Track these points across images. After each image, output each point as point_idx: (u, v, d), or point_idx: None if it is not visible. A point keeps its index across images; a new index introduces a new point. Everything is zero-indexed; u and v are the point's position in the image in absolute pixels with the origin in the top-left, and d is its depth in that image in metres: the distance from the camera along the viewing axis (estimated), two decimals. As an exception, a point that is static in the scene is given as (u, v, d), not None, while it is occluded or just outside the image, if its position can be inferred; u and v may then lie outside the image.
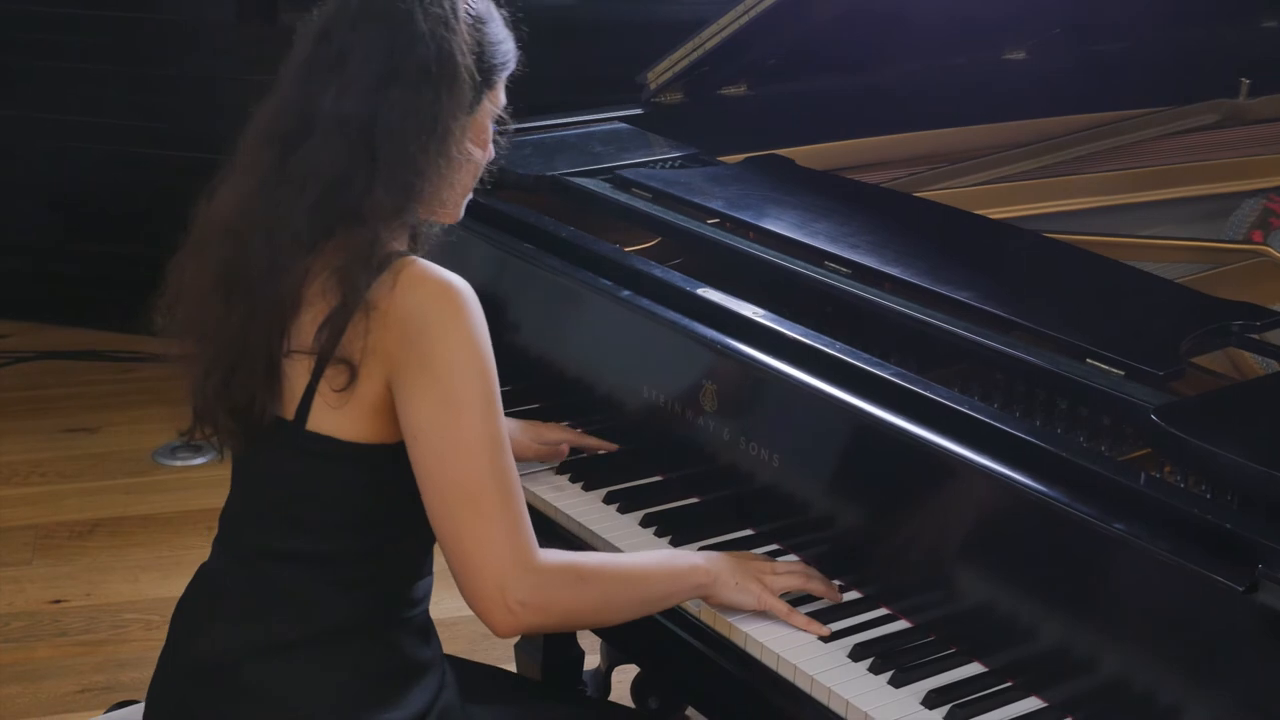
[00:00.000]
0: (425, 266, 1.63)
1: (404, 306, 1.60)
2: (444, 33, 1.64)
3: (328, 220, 1.63)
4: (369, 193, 1.62)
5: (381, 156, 1.62)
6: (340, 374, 1.61)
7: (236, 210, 1.67)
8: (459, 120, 1.67)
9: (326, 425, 1.64)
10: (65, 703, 2.99)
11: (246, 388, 1.65)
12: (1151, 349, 1.72)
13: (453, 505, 1.60)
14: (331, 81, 1.64)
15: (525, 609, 1.61)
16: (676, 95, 2.77)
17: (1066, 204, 2.49)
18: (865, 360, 1.80)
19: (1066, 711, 1.57)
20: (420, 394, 1.60)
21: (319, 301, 1.62)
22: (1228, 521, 1.44)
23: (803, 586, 1.76)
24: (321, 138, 1.63)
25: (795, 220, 2.14)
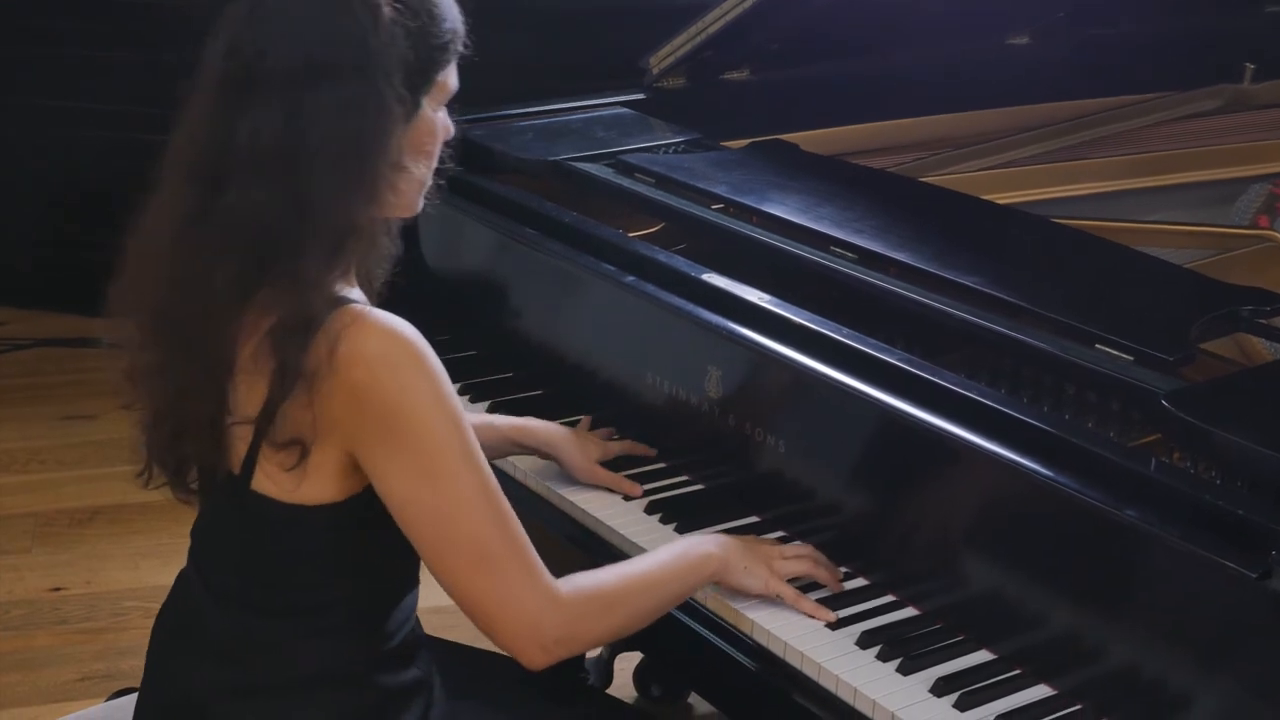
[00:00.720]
0: (365, 323, 1.50)
1: (350, 374, 1.48)
2: (371, 25, 1.49)
3: (256, 268, 1.50)
4: (299, 252, 1.48)
5: (310, 207, 1.48)
6: (290, 455, 1.52)
7: (164, 254, 1.55)
8: (389, 140, 1.52)
9: (271, 488, 1.56)
10: (65, 691, 2.97)
11: (195, 450, 1.58)
12: (1160, 334, 1.70)
13: (463, 569, 1.54)
14: (244, 104, 1.49)
15: (560, 645, 1.58)
16: (679, 80, 2.76)
17: (1072, 189, 2.48)
18: (871, 345, 1.79)
19: (1076, 699, 1.56)
20: (397, 466, 1.51)
21: (252, 368, 1.51)
22: (1240, 507, 1.43)
23: (810, 573, 1.75)
24: (243, 183, 1.49)
25: (800, 205, 2.13)
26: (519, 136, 2.51)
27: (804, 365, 1.80)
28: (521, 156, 2.42)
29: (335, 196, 1.49)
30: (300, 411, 1.50)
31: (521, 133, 2.54)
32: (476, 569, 1.54)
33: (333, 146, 1.48)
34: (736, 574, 1.73)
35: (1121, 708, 1.52)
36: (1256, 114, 2.82)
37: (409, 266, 2.49)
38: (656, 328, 2.01)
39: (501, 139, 2.48)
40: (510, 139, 2.49)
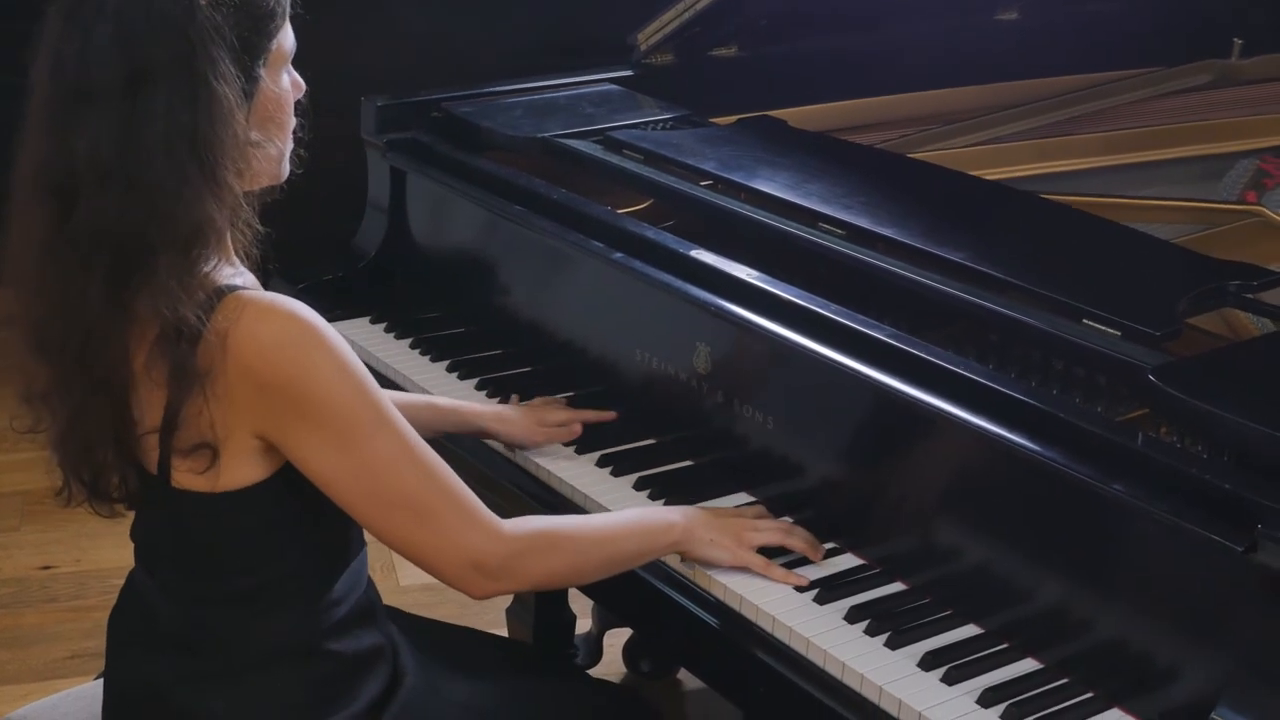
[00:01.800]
0: (253, 309, 1.48)
1: (248, 363, 1.47)
2: (183, 19, 1.45)
3: (125, 280, 1.47)
4: (156, 256, 1.46)
5: (158, 213, 1.45)
6: (200, 459, 1.51)
7: (30, 269, 1.52)
8: (236, 123, 1.49)
9: (193, 482, 1.54)
10: (55, 668, 2.98)
11: (106, 464, 1.57)
12: (1148, 309, 1.71)
13: (400, 525, 1.56)
14: (76, 114, 1.45)
15: (500, 579, 1.60)
16: (667, 56, 2.75)
17: (1060, 165, 2.48)
18: (859, 321, 1.79)
19: (1063, 673, 1.56)
20: (314, 443, 1.51)
21: (147, 379, 1.50)
22: (1226, 481, 1.43)
23: (782, 542, 1.76)
24: (91, 199, 1.46)
25: (788, 181, 2.13)
26: (507, 114, 2.51)
27: (792, 341, 1.80)
28: (509, 134, 2.41)
29: (181, 196, 1.46)
30: (200, 414, 1.49)
31: (509, 110, 2.53)
32: (413, 524, 1.56)
33: (170, 146, 1.45)
34: (701, 546, 1.74)
35: (1108, 681, 1.53)
36: (1245, 89, 2.82)
37: (397, 245, 2.51)
38: (645, 304, 2.01)
39: (489, 116, 2.48)
40: (498, 116, 2.49)
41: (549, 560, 1.65)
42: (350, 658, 1.66)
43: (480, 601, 1.67)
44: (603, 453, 2.00)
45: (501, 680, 1.84)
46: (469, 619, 2.06)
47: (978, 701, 1.53)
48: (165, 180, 1.45)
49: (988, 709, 1.52)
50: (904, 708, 1.53)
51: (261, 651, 1.62)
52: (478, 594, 1.61)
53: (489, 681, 1.82)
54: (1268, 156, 2.44)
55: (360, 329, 2.39)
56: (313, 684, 1.63)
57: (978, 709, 1.52)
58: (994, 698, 1.53)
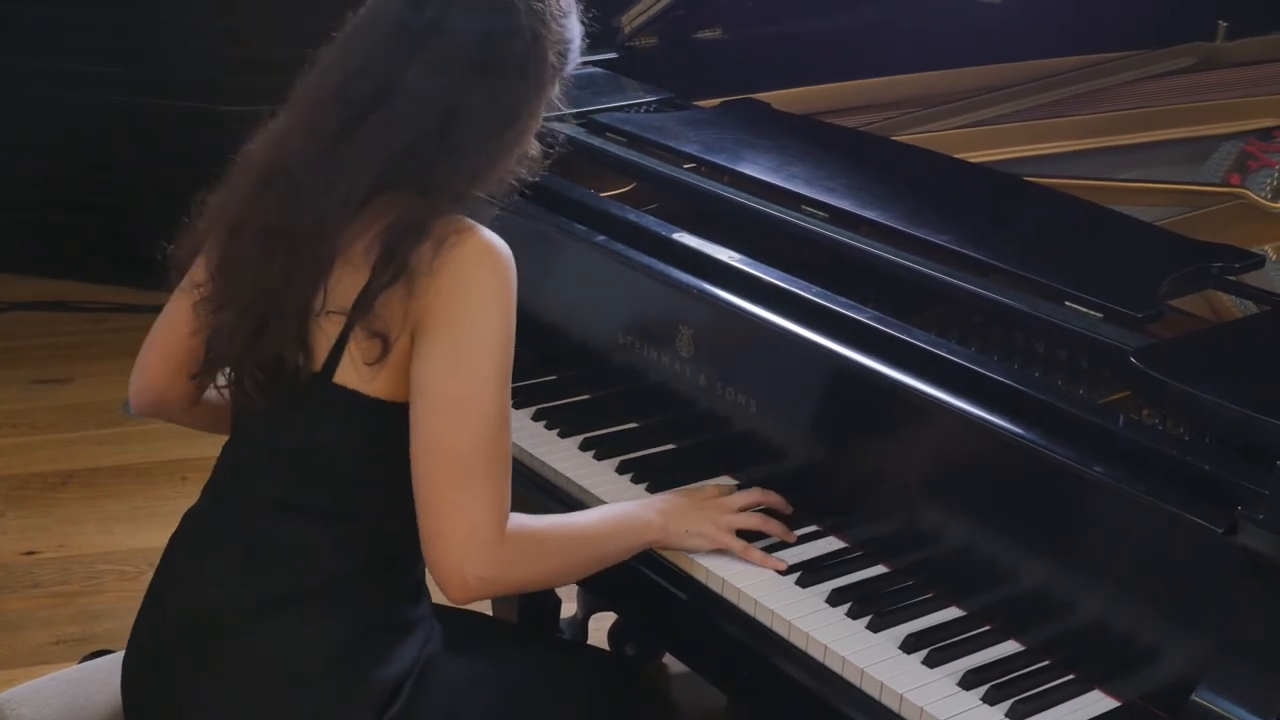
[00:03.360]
0: (470, 229, 1.61)
1: (442, 268, 1.58)
2: (541, 30, 1.64)
3: (385, 185, 1.61)
4: (435, 171, 1.61)
5: (458, 141, 1.61)
6: (373, 346, 1.60)
7: (289, 161, 1.64)
8: (536, 116, 1.69)
9: (353, 379, 1.63)
10: (39, 654, 2.98)
11: (276, 344, 1.63)
12: (1130, 291, 1.71)
13: (440, 468, 1.59)
14: (419, 54, 1.61)
15: (482, 583, 1.62)
16: (651, 39, 2.74)
17: (1044, 148, 2.48)
18: (842, 304, 1.79)
19: (1045, 654, 1.57)
20: (439, 351, 1.59)
21: (359, 261, 1.60)
22: (1206, 463, 1.44)
23: (758, 527, 1.77)
24: (398, 109, 1.60)
25: (771, 164, 2.12)
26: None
27: (775, 324, 1.80)
28: (492, 116, 2.40)
29: (485, 142, 1.63)
30: (394, 305, 1.58)
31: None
32: (451, 472, 1.59)
33: (486, 116, 1.62)
34: (678, 539, 1.75)
35: (1090, 663, 1.53)
36: (1229, 72, 2.81)
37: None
38: (627, 287, 2.01)
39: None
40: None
41: (538, 566, 1.68)
42: (403, 620, 1.70)
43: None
44: (585, 436, 2.00)
45: (503, 654, 1.87)
46: (454, 602, 2.07)
47: (959, 684, 1.53)
48: (473, 133, 1.61)
49: (969, 691, 1.52)
50: (885, 690, 1.53)
51: (330, 580, 1.65)
52: (453, 594, 1.62)
53: (491, 655, 1.84)
54: (1252, 139, 2.44)
55: (343, 313, 2.38)
56: (365, 631, 1.66)
57: (959, 691, 1.52)
58: (976, 680, 1.53)
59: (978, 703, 1.51)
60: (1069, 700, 1.51)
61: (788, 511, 1.79)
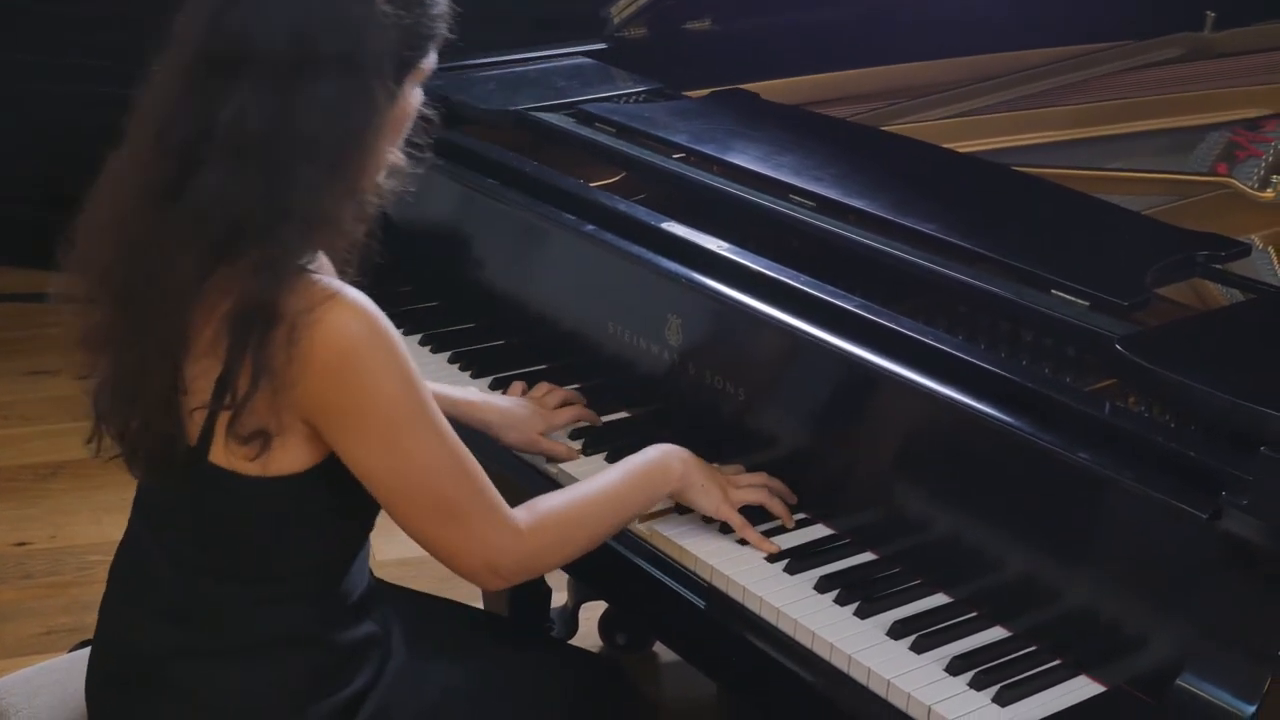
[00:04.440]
0: (326, 298, 1.47)
1: (315, 352, 1.46)
2: (368, 16, 1.47)
3: (221, 258, 1.47)
4: (269, 238, 1.45)
5: (285, 193, 1.45)
6: (254, 445, 1.50)
7: (127, 218, 1.51)
8: (377, 124, 1.51)
9: (227, 460, 1.54)
10: (30, 644, 2.98)
11: (146, 417, 1.55)
12: (1117, 280, 1.71)
13: (430, 522, 1.59)
14: (227, 83, 1.45)
15: (519, 573, 1.64)
16: (640, 30, 2.75)
17: (1032, 137, 2.49)
18: (830, 293, 1.79)
19: (1031, 640, 1.57)
20: (364, 440, 1.52)
21: (209, 353, 1.49)
22: (1191, 450, 1.44)
23: (764, 502, 1.77)
24: (220, 164, 1.45)
25: (760, 154, 2.13)
26: (480, 87, 2.50)
27: (763, 313, 1.81)
28: (482, 107, 2.41)
29: (314, 188, 1.47)
30: (263, 403, 1.48)
31: (482, 83, 2.53)
32: (443, 522, 1.58)
33: (319, 140, 1.46)
34: (694, 490, 1.75)
35: (1075, 648, 1.54)
36: (1217, 62, 2.82)
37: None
38: (617, 277, 2.02)
39: (462, 89, 2.47)
40: (471, 89, 2.48)
41: (565, 549, 1.69)
42: (348, 647, 1.67)
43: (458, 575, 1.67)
44: (574, 426, 2.00)
45: (480, 656, 1.85)
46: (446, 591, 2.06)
47: (946, 669, 1.54)
48: (303, 170, 1.45)
49: (957, 676, 1.53)
50: (873, 676, 1.54)
51: (263, 636, 1.62)
52: (493, 588, 1.67)
53: (468, 658, 1.83)
54: (1239, 129, 2.45)
55: (333, 303, 2.39)
56: (308, 673, 1.63)
57: (946, 677, 1.53)
58: (963, 665, 1.54)
59: (965, 688, 1.51)
60: (1055, 685, 1.52)
61: (793, 501, 1.80)
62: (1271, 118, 2.46)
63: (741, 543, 1.75)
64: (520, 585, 2.47)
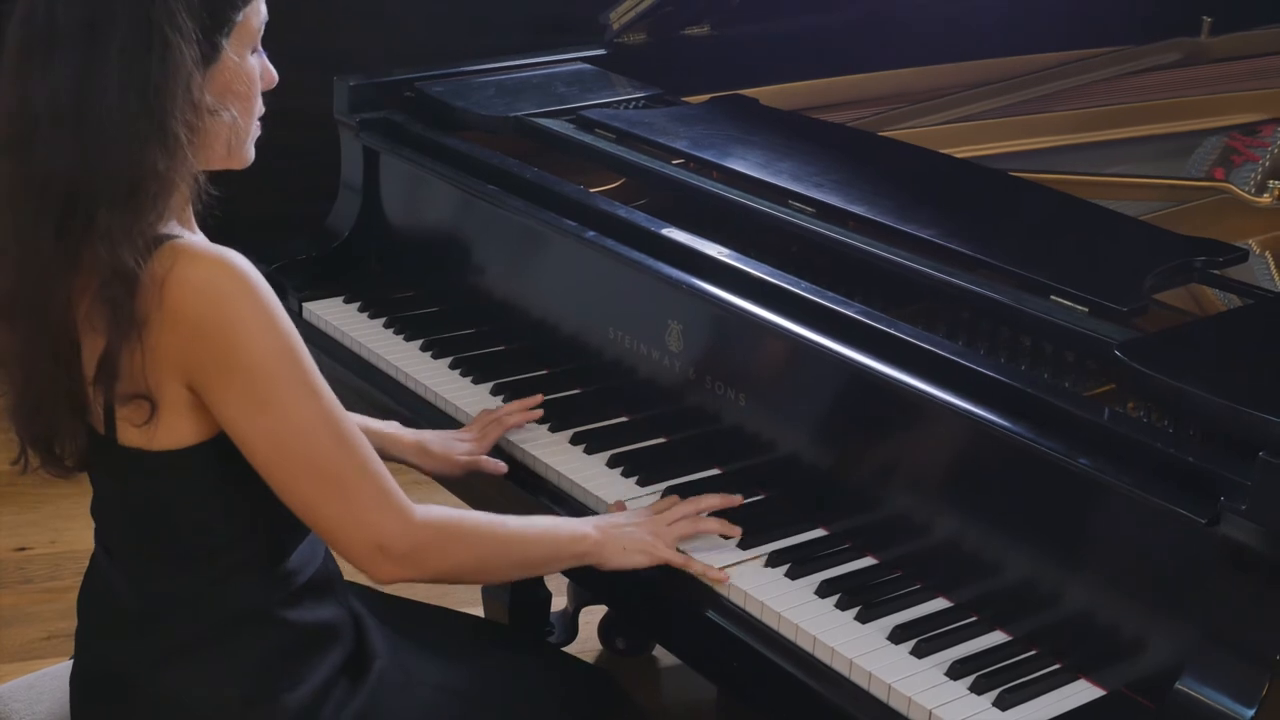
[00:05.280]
0: (189, 255, 1.49)
1: (179, 310, 1.47)
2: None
3: (73, 232, 1.48)
4: (96, 192, 1.47)
5: (98, 150, 1.46)
6: (140, 409, 1.52)
7: None
8: (184, 82, 1.49)
9: (136, 438, 1.55)
10: (30, 649, 2.98)
11: (51, 421, 1.57)
12: (1115, 285, 1.72)
13: (309, 494, 1.55)
14: (37, 69, 1.48)
15: (404, 566, 1.60)
16: (639, 36, 2.76)
17: (1031, 143, 2.50)
18: (830, 299, 1.80)
19: (1031, 645, 1.58)
20: (232, 397, 1.51)
21: (91, 331, 1.51)
22: (1190, 455, 1.45)
23: (697, 530, 1.76)
24: (45, 144, 1.48)
25: (759, 160, 2.14)
26: (480, 93, 2.51)
27: (763, 319, 1.81)
28: (482, 113, 2.42)
29: (127, 142, 1.47)
30: (136, 362, 1.49)
31: (482, 89, 2.54)
32: (323, 494, 1.55)
33: (122, 92, 1.46)
34: (616, 556, 1.74)
35: (1075, 652, 1.55)
36: (1214, 67, 2.83)
37: (370, 225, 2.51)
38: (617, 282, 2.02)
39: (462, 96, 2.48)
40: (471, 95, 2.49)
41: (456, 553, 1.65)
42: (308, 629, 1.66)
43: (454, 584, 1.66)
44: (576, 430, 2.01)
45: (474, 660, 1.85)
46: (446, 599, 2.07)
47: (947, 673, 1.55)
48: (113, 125, 1.46)
49: (957, 680, 1.54)
50: (874, 680, 1.55)
51: (217, 621, 1.62)
52: (382, 578, 1.61)
53: (461, 661, 1.82)
54: (1235, 134, 2.46)
55: (334, 308, 2.40)
56: (269, 655, 1.63)
57: (947, 681, 1.54)
58: (963, 670, 1.54)
59: (965, 692, 1.52)
60: (1055, 689, 1.53)
61: (735, 504, 1.80)
62: (1268, 122, 2.47)
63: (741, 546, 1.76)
64: (520, 590, 2.52)
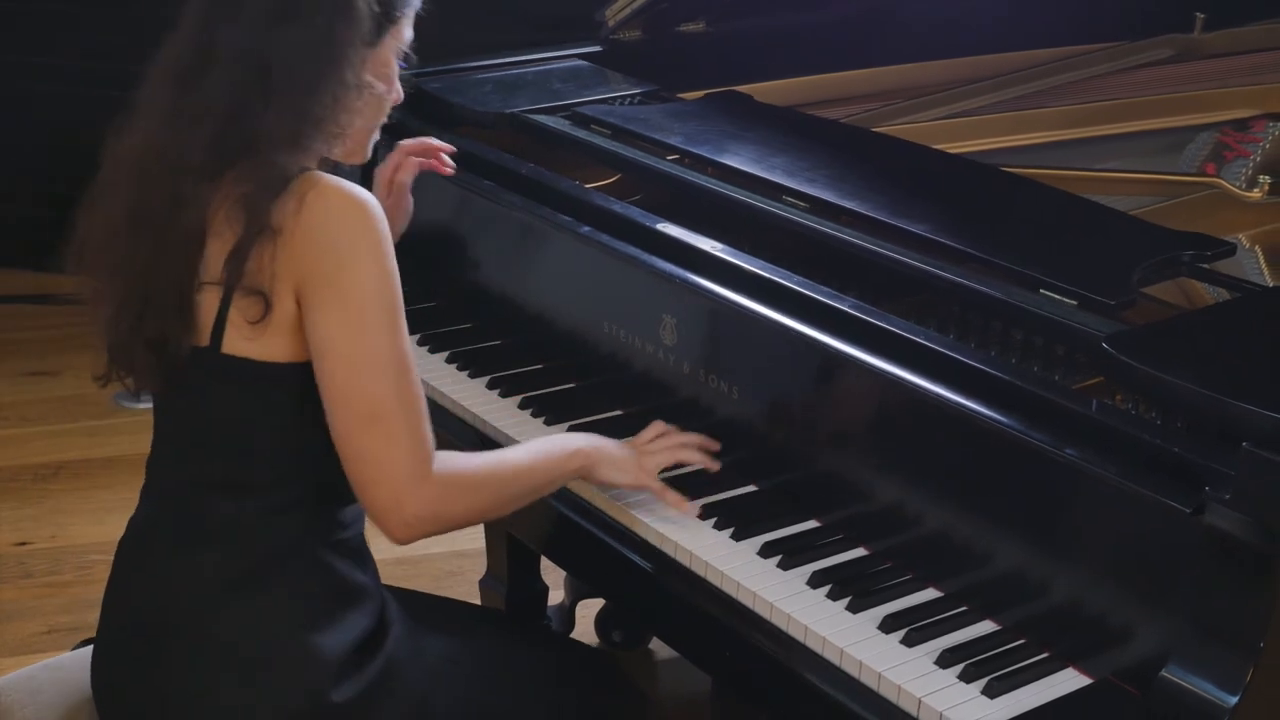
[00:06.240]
0: (330, 181, 1.63)
1: (310, 223, 1.60)
2: None
3: (226, 151, 1.62)
4: (263, 121, 1.61)
5: (276, 85, 1.62)
6: (254, 305, 1.62)
7: (141, 148, 1.67)
8: (357, 50, 1.67)
9: (241, 347, 1.65)
10: (31, 643, 3.00)
11: (159, 323, 1.65)
12: (1104, 279, 1.74)
13: (357, 424, 1.62)
14: (225, 17, 1.64)
15: (421, 521, 1.66)
16: (635, 32, 2.77)
17: (1023, 138, 2.51)
18: (823, 293, 1.82)
19: (1020, 634, 1.60)
20: (327, 311, 1.61)
21: (225, 231, 1.62)
22: (1176, 446, 1.47)
23: (678, 459, 1.86)
24: (218, 72, 1.63)
25: (753, 155, 2.15)
26: (476, 89, 2.53)
27: (756, 312, 1.83)
28: (478, 109, 2.43)
29: (301, 79, 1.62)
30: (263, 266, 1.60)
31: (478, 85, 2.55)
32: (367, 426, 1.62)
33: (307, 51, 1.62)
34: (604, 469, 1.82)
35: (1063, 641, 1.56)
36: (1206, 63, 2.84)
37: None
38: (612, 277, 2.04)
39: (458, 91, 2.50)
40: (467, 91, 2.51)
41: (469, 501, 1.71)
42: (347, 584, 1.72)
43: (453, 573, 1.69)
44: (571, 424, 2.03)
45: (477, 639, 1.90)
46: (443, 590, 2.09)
47: (936, 662, 1.56)
48: (294, 74, 1.62)
49: (947, 669, 1.55)
50: (865, 669, 1.56)
51: (267, 555, 1.68)
52: (398, 535, 1.66)
53: (467, 642, 1.87)
54: (1227, 129, 2.47)
55: (332, 304, 2.41)
56: (311, 598, 1.69)
57: (936, 669, 1.56)
58: (953, 658, 1.56)
59: (954, 680, 1.54)
60: (1044, 678, 1.54)
61: (714, 448, 1.87)
62: (1260, 118, 2.48)
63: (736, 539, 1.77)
64: (517, 582, 2.54)
